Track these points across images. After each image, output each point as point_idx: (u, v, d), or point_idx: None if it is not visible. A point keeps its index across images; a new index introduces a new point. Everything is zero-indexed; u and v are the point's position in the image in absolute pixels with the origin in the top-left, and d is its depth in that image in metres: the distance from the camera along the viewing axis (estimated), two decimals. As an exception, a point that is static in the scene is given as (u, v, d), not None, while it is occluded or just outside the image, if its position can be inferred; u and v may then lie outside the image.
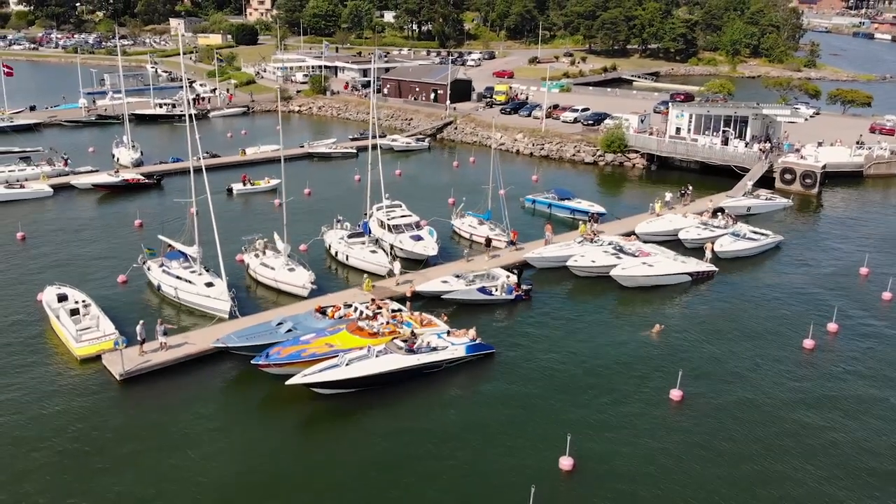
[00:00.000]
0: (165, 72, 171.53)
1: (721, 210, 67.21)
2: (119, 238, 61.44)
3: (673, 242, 60.71)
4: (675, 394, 38.99)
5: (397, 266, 52.62)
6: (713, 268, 56.01)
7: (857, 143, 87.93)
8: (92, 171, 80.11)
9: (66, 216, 68.31)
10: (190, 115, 51.00)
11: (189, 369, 41.00)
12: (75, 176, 78.55)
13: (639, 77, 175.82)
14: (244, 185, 76.80)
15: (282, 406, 38.44)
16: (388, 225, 58.05)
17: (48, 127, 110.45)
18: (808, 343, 44.95)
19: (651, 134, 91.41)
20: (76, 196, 74.49)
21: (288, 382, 38.35)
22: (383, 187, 59.42)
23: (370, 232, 58.32)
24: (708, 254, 56.97)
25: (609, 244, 57.60)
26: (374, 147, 61.20)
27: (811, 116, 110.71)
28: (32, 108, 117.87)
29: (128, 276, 52.69)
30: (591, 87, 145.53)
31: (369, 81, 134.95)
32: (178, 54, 54.68)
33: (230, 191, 76.55)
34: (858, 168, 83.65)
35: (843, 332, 46.95)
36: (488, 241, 58.42)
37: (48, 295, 47.14)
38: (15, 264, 56.18)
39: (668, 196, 69.77)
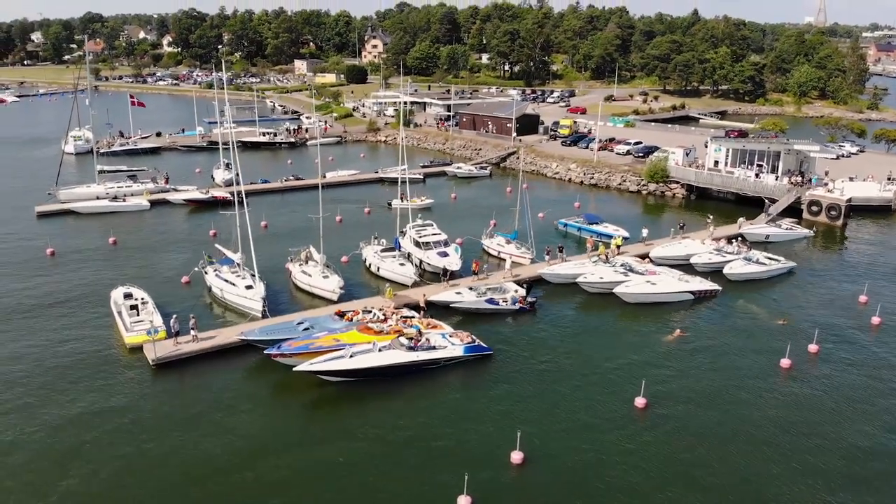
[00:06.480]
0: (281, 105, 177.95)
1: (738, 237, 65.18)
2: (194, 245, 63.84)
3: (686, 268, 58.89)
4: (640, 401, 38.14)
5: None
6: (716, 286, 54.41)
7: (889, 178, 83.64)
8: (187, 189, 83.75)
9: (155, 226, 71.99)
10: (223, 143, 53.52)
11: (214, 358, 42.61)
12: (173, 192, 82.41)
13: (705, 115, 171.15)
14: (402, 201, 79.74)
15: (290, 391, 39.58)
16: (419, 242, 58.84)
17: (167, 150, 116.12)
18: (785, 363, 43.03)
19: (691, 166, 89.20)
20: (170, 209, 78.17)
21: (295, 369, 39.60)
22: (411, 212, 60.90)
23: (401, 247, 59.25)
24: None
25: (621, 265, 56.85)
26: (404, 181, 65.07)
27: (854, 153, 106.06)
28: (159, 135, 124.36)
29: (190, 278, 55.17)
30: (652, 123, 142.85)
31: (450, 115, 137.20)
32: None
33: (390, 205, 79.55)
34: (887, 203, 79.30)
35: (823, 353, 44.73)
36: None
37: (117, 293, 49.76)
38: (101, 263, 59.81)
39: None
